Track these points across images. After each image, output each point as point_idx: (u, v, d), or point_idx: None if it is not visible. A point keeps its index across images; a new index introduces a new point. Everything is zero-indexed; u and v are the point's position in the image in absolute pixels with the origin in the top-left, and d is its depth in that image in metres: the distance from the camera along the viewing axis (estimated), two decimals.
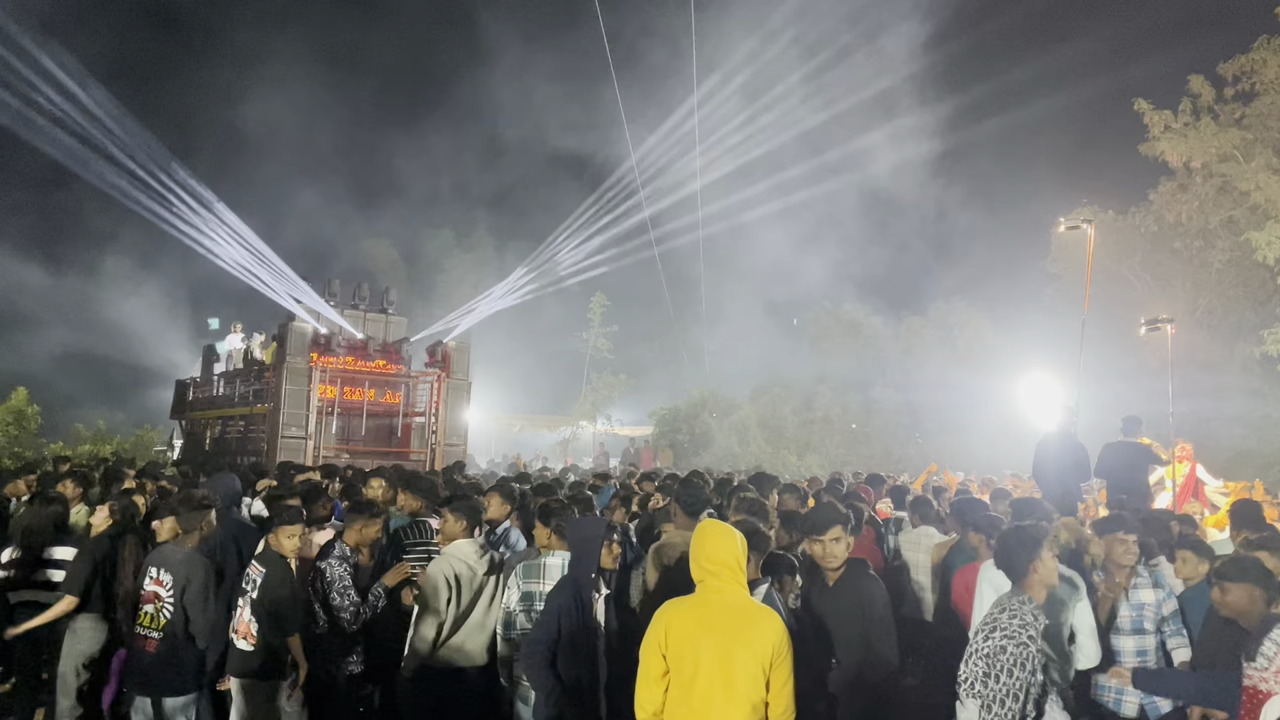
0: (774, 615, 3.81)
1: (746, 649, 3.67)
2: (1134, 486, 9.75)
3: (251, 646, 5.51)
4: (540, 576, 5.27)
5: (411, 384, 20.31)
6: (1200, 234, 28.76)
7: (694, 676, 3.67)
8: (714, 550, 3.82)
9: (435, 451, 19.17)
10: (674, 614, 3.79)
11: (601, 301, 39.88)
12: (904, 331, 36.07)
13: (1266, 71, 26.60)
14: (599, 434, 36.40)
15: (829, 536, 4.89)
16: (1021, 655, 3.89)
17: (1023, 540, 4.28)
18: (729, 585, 3.80)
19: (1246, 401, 26.58)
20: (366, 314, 20.65)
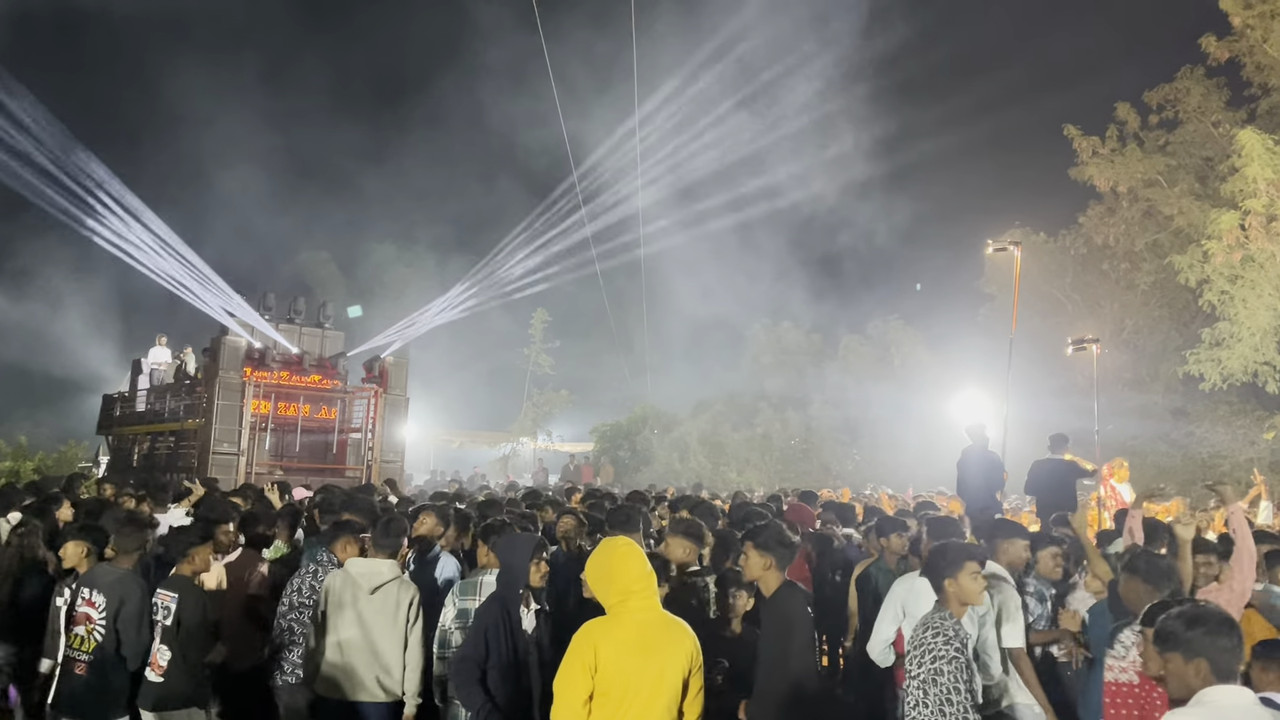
0: (687, 626, 3.84)
1: (673, 662, 3.68)
2: (1061, 502, 9.97)
3: (160, 677, 5.37)
4: (476, 594, 5.21)
5: (348, 399, 20.05)
6: (1127, 256, 29.61)
7: (629, 696, 3.61)
8: (635, 567, 3.78)
9: (372, 468, 18.91)
10: (602, 635, 3.68)
11: (543, 317, 39.81)
12: (842, 349, 36.53)
13: (1189, 100, 27.50)
14: (539, 450, 36.25)
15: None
16: (953, 670, 4.00)
17: (947, 558, 4.38)
18: (651, 601, 3.79)
19: (1170, 420, 27.37)
20: (302, 328, 20.34)
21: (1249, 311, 22.49)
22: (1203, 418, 26.63)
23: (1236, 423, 25.98)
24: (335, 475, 18.09)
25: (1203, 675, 3.14)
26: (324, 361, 19.93)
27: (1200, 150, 27.46)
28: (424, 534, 7.05)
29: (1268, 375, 23.09)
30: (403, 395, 20.10)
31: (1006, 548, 5.61)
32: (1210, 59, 25.66)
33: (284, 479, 15.46)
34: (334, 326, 21.18)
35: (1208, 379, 23.74)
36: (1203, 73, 26.97)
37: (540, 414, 37.33)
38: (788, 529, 5.54)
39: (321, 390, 19.49)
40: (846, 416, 33.48)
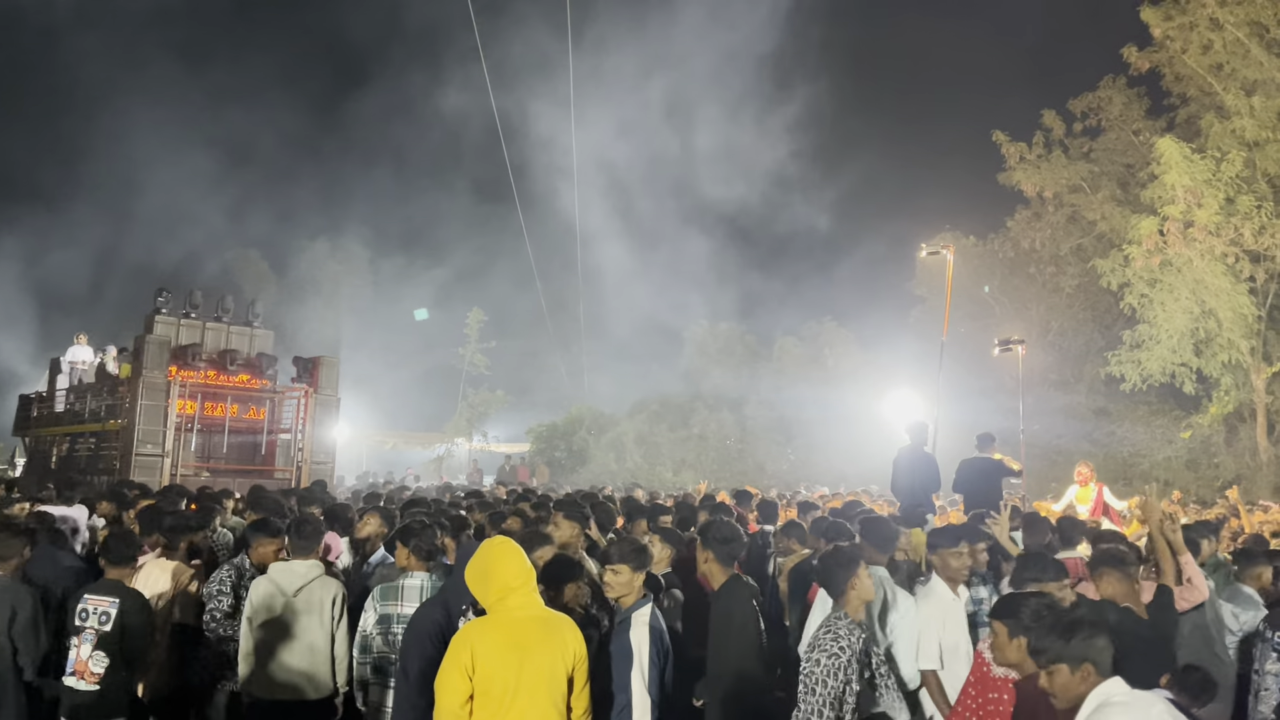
0: (571, 622, 3.89)
1: (555, 658, 3.71)
2: (987, 500, 10.16)
3: (94, 685, 5.18)
4: (398, 599, 5.13)
5: (277, 399, 19.64)
6: (1053, 260, 30.37)
7: (511, 695, 3.62)
8: (514, 566, 3.80)
9: (302, 469, 18.57)
10: (479, 636, 3.69)
11: (479, 317, 39.48)
12: (777, 350, 36.86)
13: (1111, 109, 28.32)
14: (475, 451, 35.96)
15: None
16: (834, 666, 4.12)
17: (840, 561, 4.49)
18: (531, 598, 3.81)
19: (1093, 419, 28.14)
20: (230, 327, 19.87)
21: (1167, 315, 23.20)
22: (1123, 417, 27.43)
23: (1155, 422, 26.81)
24: (264, 477, 17.71)
25: (1090, 679, 3.24)
26: (253, 361, 19.51)
27: (1122, 157, 28.29)
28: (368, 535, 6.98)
29: (1184, 376, 23.85)
30: (334, 395, 19.75)
31: (948, 559, 5.51)
32: (1132, 69, 26.44)
33: (210, 481, 15.17)
34: (263, 325, 20.74)
35: (1128, 380, 24.45)
36: (1125, 82, 27.81)
37: (475, 415, 37.03)
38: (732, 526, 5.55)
39: (250, 390, 19.07)
40: (781, 416, 33.77)
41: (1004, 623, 3.83)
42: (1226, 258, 22.29)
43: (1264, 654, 4.83)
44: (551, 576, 5.33)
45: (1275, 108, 22.55)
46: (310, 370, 19.63)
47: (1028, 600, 3.85)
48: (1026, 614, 3.75)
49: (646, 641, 4.36)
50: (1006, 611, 3.86)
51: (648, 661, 4.32)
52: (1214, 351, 23.37)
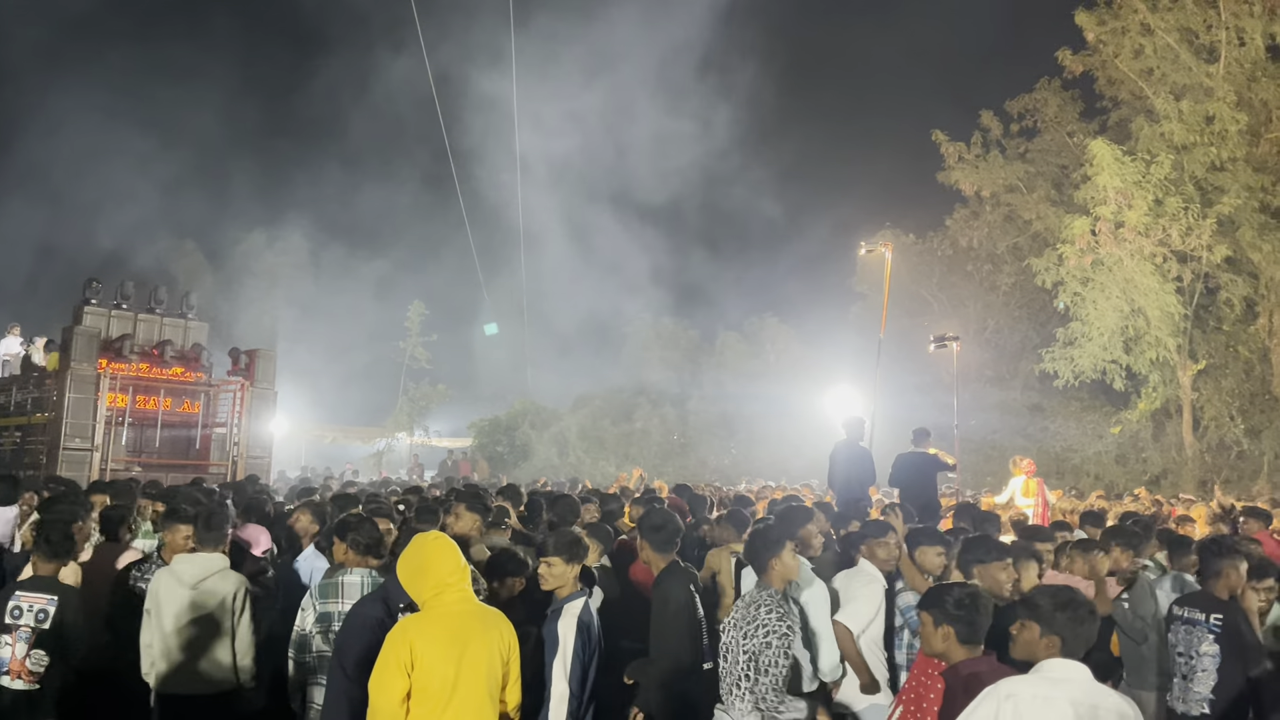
0: (501, 615, 3.90)
1: (489, 652, 3.72)
2: (923, 493, 10.35)
3: (33, 685, 5.05)
4: (338, 596, 5.05)
5: (212, 393, 19.25)
6: (990, 258, 30.93)
7: (451, 691, 3.60)
8: (449, 560, 3.79)
9: (237, 464, 18.24)
10: (418, 632, 3.66)
11: (420, 310, 39.12)
12: (719, 346, 37.07)
13: (1047, 110, 28.92)
14: (416, 445, 35.63)
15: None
16: (784, 645, 4.28)
17: (767, 539, 4.69)
18: (465, 593, 3.81)
19: (1028, 415, 28.74)
20: (164, 318, 19.43)
21: (1098, 313, 23.77)
22: (1056, 413, 28.06)
23: (1087, 418, 27.48)
24: (198, 471, 17.36)
25: (1054, 650, 3.39)
26: (187, 353, 19.11)
27: (1056, 158, 28.90)
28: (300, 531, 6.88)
29: (1114, 373, 24.46)
30: (271, 388, 19.43)
31: (875, 548, 5.68)
32: (1066, 72, 27.05)
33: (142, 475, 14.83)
34: (198, 317, 20.32)
35: (1061, 376, 25.01)
36: (1060, 85, 28.43)
37: (417, 409, 36.70)
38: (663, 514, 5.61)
39: (184, 383, 18.67)
40: (723, 411, 33.98)
41: (930, 612, 3.90)
42: (1155, 258, 22.90)
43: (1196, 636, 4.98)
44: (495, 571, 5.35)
45: (1202, 112, 23.20)
46: (247, 363, 19.29)
47: (952, 590, 3.93)
48: (950, 603, 3.82)
49: (572, 632, 4.39)
50: (933, 601, 3.93)
51: (571, 652, 4.35)
52: (1143, 349, 24.00)
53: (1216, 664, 4.88)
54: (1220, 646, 4.88)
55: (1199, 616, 5.02)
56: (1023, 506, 12.50)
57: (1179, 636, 5.13)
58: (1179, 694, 5.05)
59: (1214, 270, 23.74)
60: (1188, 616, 5.11)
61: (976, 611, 3.83)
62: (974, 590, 3.99)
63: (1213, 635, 4.91)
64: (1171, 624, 5.24)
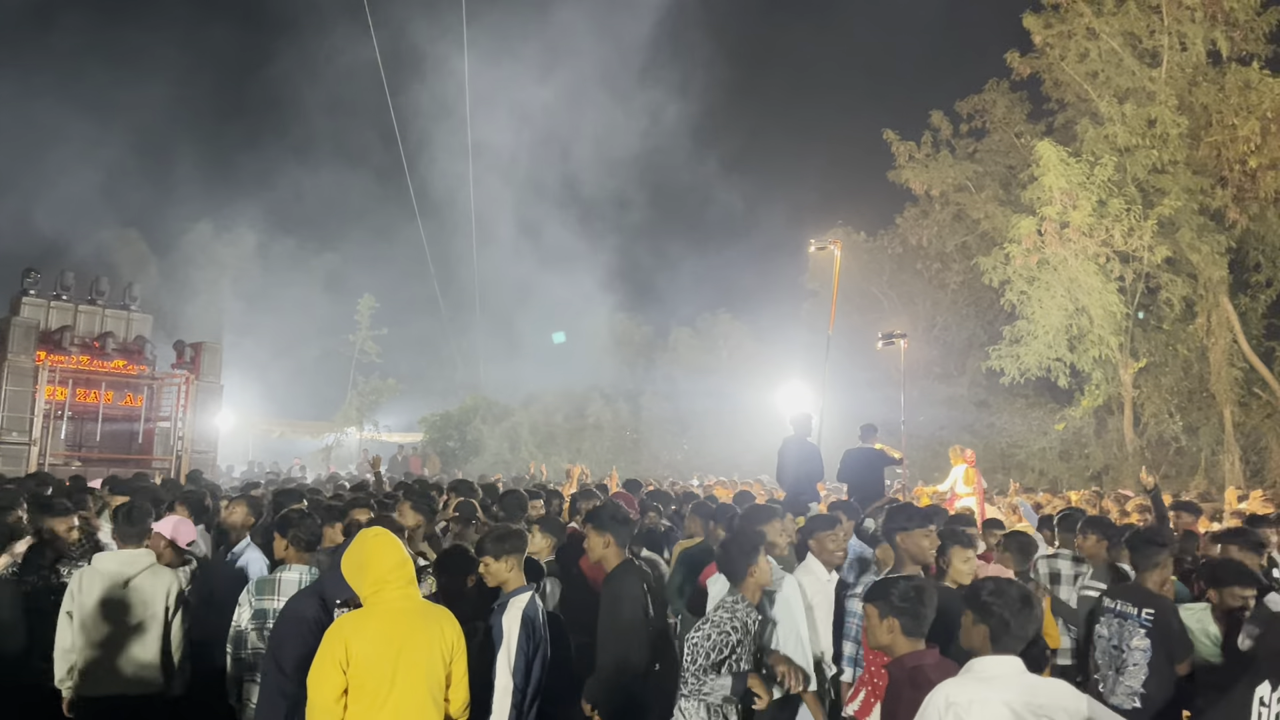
0: (446, 611, 3.88)
1: (430, 649, 3.70)
2: (870, 488, 10.46)
3: None
4: (275, 593, 4.99)
5: (156, 386, 18.92)
6: (939, 257, 31.33)
7: (388, 688, 3.59)
8: (389, 557, 3.78)
9: (182, 459, 17.93)
10: (354, 630, 3.65)
11: (370, 303, 38.69)
12: (673, 342, 37.16)
13: (995, 111, 29.32)
14: (365, 441, 35.27)
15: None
16: (721, 641, 4.32)
17: (742, 547, 4.65)
18: (406, 590, 3.78)
19: (974, 411, 29.19)
20: (105, 310, 19.05)
21: (1043, 311, 24.19)
22: (1002, 409, 28.54)
23: (1032, 414, 27.98)
24: (141, 466, 17.02)
25: (985, 639, 3.45)
26: (129, 345, 18.75)
27: (1004, 159, 29.31)
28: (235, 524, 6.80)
29: (1059, 371, 24.92)
30: (217, 382, 19.14)
31: (825, 540, 5.65)
32: (1014, 74, 27.41)
33: (82, 470, 14.53)
34: (141, 308, 19.93)
35: (1007, 373, 25.41)
36: (1008, 86, 28.81)
37: (366, 403, 36.31)
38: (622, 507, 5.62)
39: (126, 376, 18.32)
40: (676, 407, 34.08)
41: (875, 605, 3.94)
42: (1098, 258, 23.34)
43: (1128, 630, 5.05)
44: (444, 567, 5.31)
45: (1145, 116, 23.67)
46: (192, 356, 19.00)
47: (896, 583, 3.97)
48: (896, 596, 3.87)
49: (517, 626, 4.39)
50: (878, 594, 3.97)
51: (515, 646, 4.36)
52: (1086, 347, 24.46)
53: (1148, 658, 4.95)
54: (1151, 640, 4.97)
55: (1131, 610, 5.10)
56: (962, 494, 12.72)
57: (1111, 629, 5.20)
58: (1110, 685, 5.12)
59: (1155, 270, 24.25)
60: (1119, 609, 5.17)
61: (921, 604, 3.87)
62: (920, 583, 4.03)
63: (1144, 629, 4.99)
64: (1102, 615, 5.31)
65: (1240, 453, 23.83)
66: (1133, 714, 4.96)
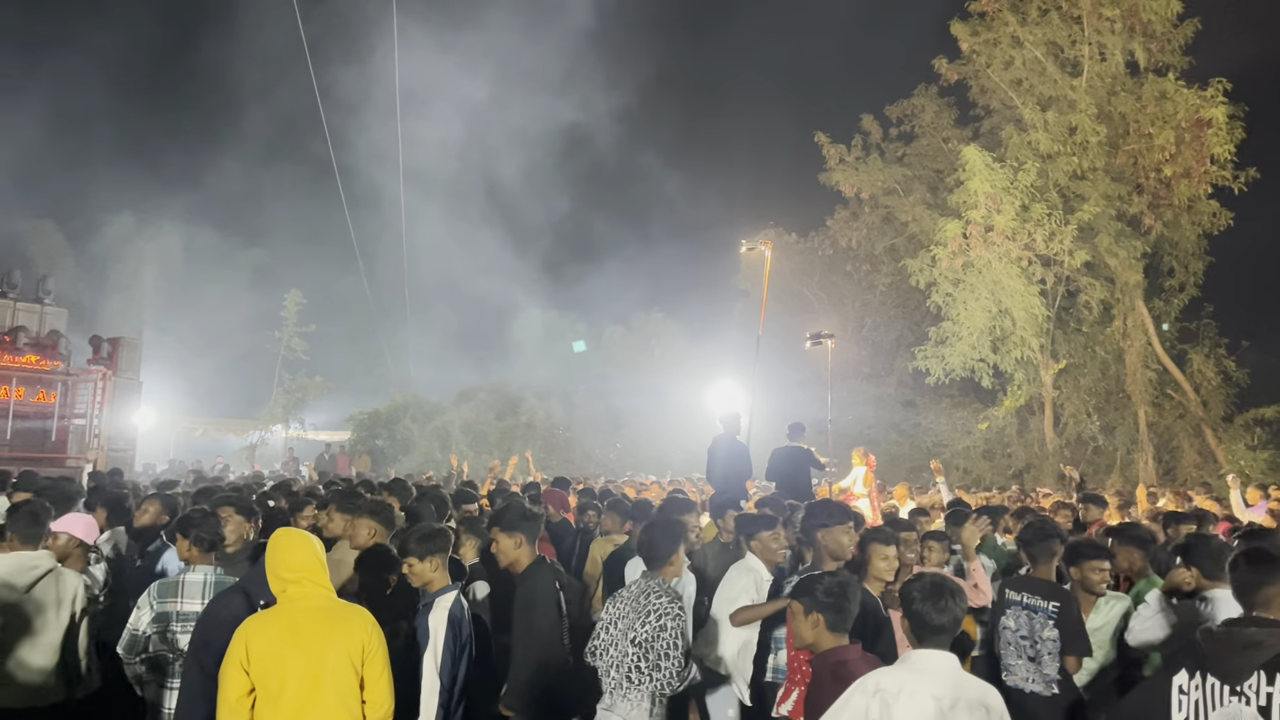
0: (363, 612, 3.85)
1: (337, 649, 3.66)
2: (797, 487, 10.56)
3: None
4: (178, 595, 4.87)
5: (71, 382, 18.28)
6: (868, 258, 31.83)
7: (281, 689, 3.58)
8: (293, 557, 3.76)
9: (98, 457, 17.38)
10: (255, 629, 3.66)
11: (297, 299, 37.95)
12: (606, 340, 37.14)
13: (924, 116, 29.87)
14: (291, 439, 34.60)
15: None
16: (678, 627, 4.36)
17: (668, 534, 4.71)
18: (312, 590, 3.76)
19: (901, 410, 29.69)
20: (17, 303, 18.39)
21: (968, 313, 24.73)
22: (928, 409, 29.10)
23: (956, 414, 28.57)
24: (54, 465, 16.47)
25: (908, 633, 3.56)
26: (43, 340, 18.10)
27: (932, 163, 29.88)
28: (147, 524, 6.65)
29: (983, 371, 25.49)
30: (136, 378, 18.60)
31: (767, 540, 5.76)
32: (943, 79, 27.96)
33: None
34: (56, 302, 19.28)
35: (933, 374, 25.92)
36: (936, 91, 29.37)
37: (293, 401, 35.61)
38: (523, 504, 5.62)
39: (39, 371, 17.66)
40: (609, 406, 34.06)
41: (801, 601, 3.97)
42: (1021, 261, 23.93)
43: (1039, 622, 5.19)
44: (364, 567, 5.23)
45: (1066, 123, 24.34)
46: (109, 352, 18.42)
47: (821, 579, 4.01)
48: (820, 591, 3.90)
49: (443, 625, 4.36)
50: (803, 591, 4.00)
51: (442, 646, 4.33)
52: (1009, 348, 25.06)
53: (1057, 648, 5.12)
54: (1059, 631, 5.13)
55: (1039, 603, 5.25)
56: (858, 495, 12.99)
57: (1019, 620, 5.34)
58: (1027, 674, 5.25)
59: (1074, 274, 24.95)
60: (1027, 602, 5.32)
61: (846, 599, 3.91)
62: (844, 578, 4.07)
63: (1052, 621, 5.15)
64: (1008, 608, 5.44)
65: (1154, 451, 24.63)
66: (1050, 700, 5.12)
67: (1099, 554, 5.45)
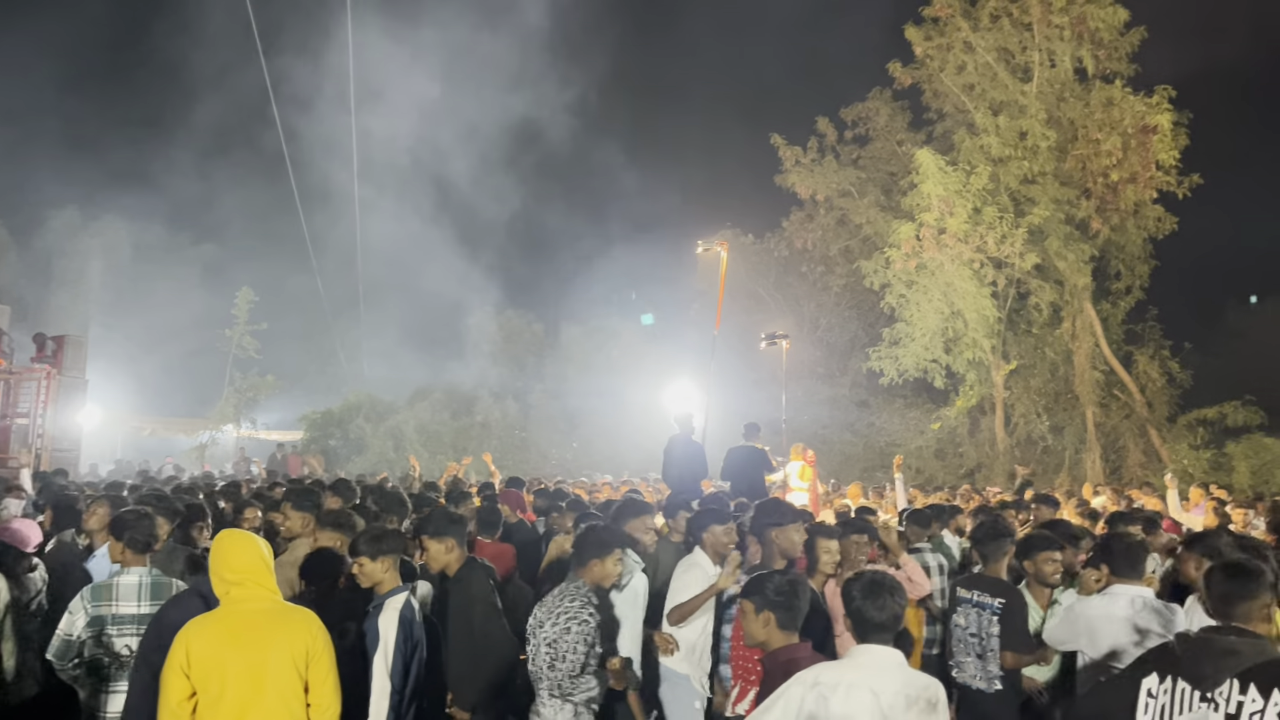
0: (307, 614, 3.83)
1: (279, 652, 3.64)
2: (752, 487, 10.62)
3: None
4: (113, 598, 4.79)
5: (13, 381, 17.90)
6: (823, 260, 32.05)
7: (222, 693, 3.56)
8: (235, 559, 3.74)
9: (41, 457, 17.01)
10: (195, 632, 3.63)
11: (248, 297, 37.40)
12: (563, 339, 37.03)
13: (878, 119, 30.13)
14: (242, 439, 34.10)
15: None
16: (584, 631, 4.37)
17: (598, 541, 4.76)
18: (255, 591, 3.74)
19: (855, 410, 29.95)
20: None
21: (921, 314, 25.02)
22: (882, 409, 29.40)
23: (909, 414, 28.90)
24: None
25: (851, 629, 3.62)
26: None
27: (886, 166, 30.16)
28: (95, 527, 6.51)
29: (935, 372, 25.81)
30: (81, 377, 18.26)
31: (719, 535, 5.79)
32: (896, 83, 28.25)
33: None
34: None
35: (886, 374, 26.19)
36: (890, 95, 29.65)
37: (244, 400, 35.08)
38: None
39: None
40: (565, 406, 33.96)
41: (751, 599, 3.99)
42: (973, 263, 24.26)
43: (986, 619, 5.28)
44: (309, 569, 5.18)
45: (1017, 128, 24.73)
46: (54, 349, 18.08)
47: (771, 578, 4.04)
48: (771, 590, 3.93)
49: (394, 627, 4.35)
50: (754, 589, 4.03)
51: (392, 647, 4.32)
52: (961, 349, 25.40)
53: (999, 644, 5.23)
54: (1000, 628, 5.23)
55: (989, 600, 5.34)
56: (795, 489, 13.16)
57: (969, 618, 5.42)
58: (974, 671, 5.34)
59: (1025, 277, 25.35)
60: (977, 600, 5.41)
61: (796, 597, 3.94)
62: (794, 577, 4.11)
63: (997, 617, 5.25)
64: (959, 605, 5.53)
65: (1101, 451, 25.10)
66: (993, 697, 5.21)
67: (1050, 545, 5.56)
